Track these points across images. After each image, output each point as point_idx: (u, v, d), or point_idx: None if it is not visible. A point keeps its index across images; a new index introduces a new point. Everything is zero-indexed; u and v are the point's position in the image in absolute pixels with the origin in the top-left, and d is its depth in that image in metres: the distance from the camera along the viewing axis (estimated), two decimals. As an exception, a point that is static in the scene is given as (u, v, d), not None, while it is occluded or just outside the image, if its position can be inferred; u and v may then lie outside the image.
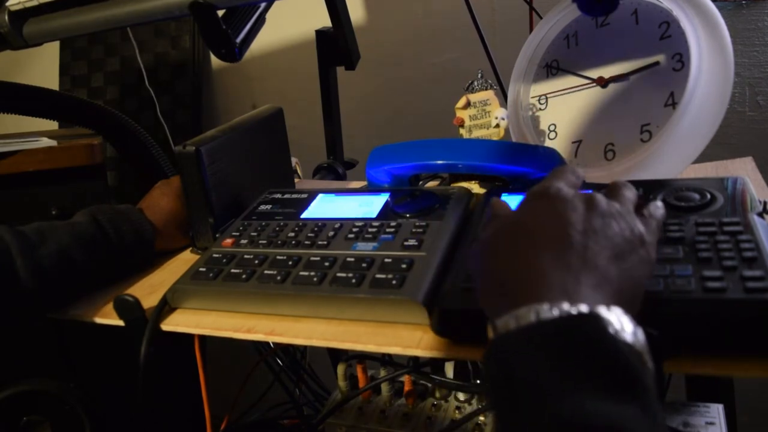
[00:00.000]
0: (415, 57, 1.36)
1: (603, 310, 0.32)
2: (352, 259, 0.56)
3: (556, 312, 0.31)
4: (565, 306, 0.32)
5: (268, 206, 0.71)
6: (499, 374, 0.32)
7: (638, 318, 0.34)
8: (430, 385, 0.74)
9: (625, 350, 0.30)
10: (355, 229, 0.61)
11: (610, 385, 0.29)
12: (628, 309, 0.34)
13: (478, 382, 0.67)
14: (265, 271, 0.57)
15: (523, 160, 0.65)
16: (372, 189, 0.71)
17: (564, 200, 0.40)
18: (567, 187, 0.42)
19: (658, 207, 0.45)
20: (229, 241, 0.64)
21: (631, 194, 0.44)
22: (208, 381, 0.64)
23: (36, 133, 1.16)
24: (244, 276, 0.58)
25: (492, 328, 0.34)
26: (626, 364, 0.30)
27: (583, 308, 0.32)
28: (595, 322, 0.31)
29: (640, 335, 0.31)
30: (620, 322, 0.31)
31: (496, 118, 0.77)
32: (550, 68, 0.80)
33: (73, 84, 1.57)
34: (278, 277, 0.56)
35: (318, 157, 1.07)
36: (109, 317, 0.61)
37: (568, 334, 0.31)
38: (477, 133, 0.78)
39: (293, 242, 0.62)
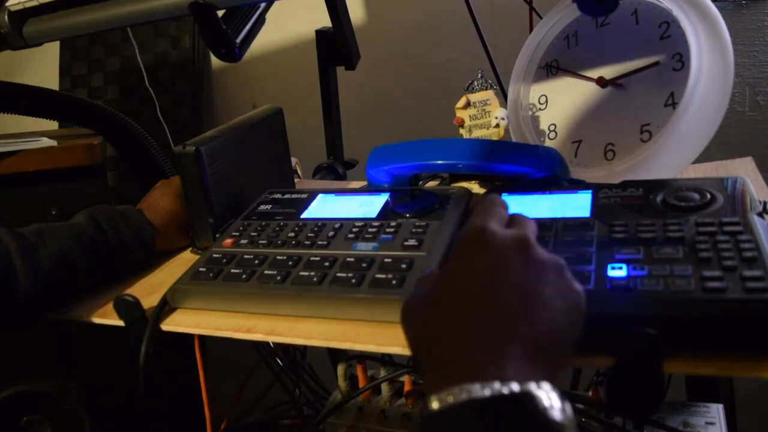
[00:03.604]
0: (415, 57, 1.36)
1: (533, 388, 0.32)
2: (352, 259, 0.56)
3: (487, 392, 0.31)
4: (497, 385, 0.32)
5: (268, 206, 0.71)
6: None
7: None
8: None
9: (555, 428, 0.31)
10: (355, 229, 0.61)
11: None
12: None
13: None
14: (265, 271, 0.57)
15: (523, 160, 0.65)
16: (372, 189, 0.70)
17: (497, 250, 0.39)
18: (499, 229, 0.41)
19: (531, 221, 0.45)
20: (229, 241, 0.64)
21: (533, 225, 0.44)
22: (208, 381, 0.64)
23: (36, 133, 1.16)
24: (244, 276, 0.58)
25: (425, 401, 0.34)
26: None
27: (515, 387, 0.32)
28: (526, 400, 0.31)
29: (568, 410, 0.32)
30: (549, 398, 0.32)
31: (496, 118, 0.77)
32: (550, 68, 0.80)
33: (73, 84, 1.57)
34: (278, 277, 0.56)
35: (318, 157, 1.07)
36: (109, 317, 0.61)
37: (499, 413, 0.31)
38: (477, 133, 0.78)
39: (293, 242, 0.62)
